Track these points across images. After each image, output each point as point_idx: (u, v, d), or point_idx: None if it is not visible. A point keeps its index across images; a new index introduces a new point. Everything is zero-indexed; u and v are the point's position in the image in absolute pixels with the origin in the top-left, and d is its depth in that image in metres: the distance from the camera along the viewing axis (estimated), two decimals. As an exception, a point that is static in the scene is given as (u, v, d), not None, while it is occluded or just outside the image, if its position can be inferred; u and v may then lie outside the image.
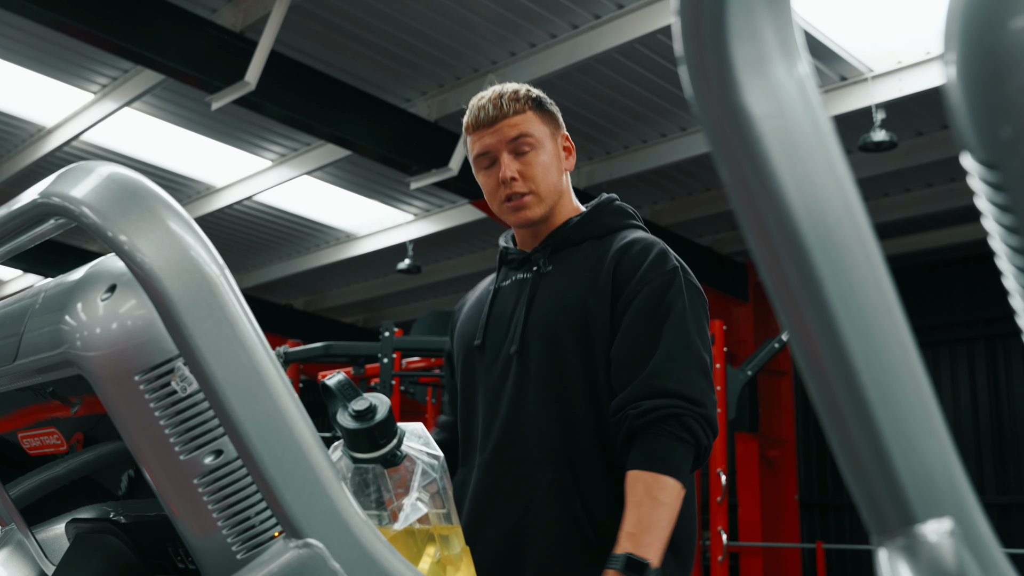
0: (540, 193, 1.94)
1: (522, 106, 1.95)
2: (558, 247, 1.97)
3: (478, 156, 1.98)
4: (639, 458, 1.73)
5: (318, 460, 0.84)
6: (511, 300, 1.99)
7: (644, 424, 1.74)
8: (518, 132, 1.93)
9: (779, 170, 0.45)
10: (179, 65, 5.80)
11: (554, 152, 1.97)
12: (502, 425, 1.88)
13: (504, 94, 1.97)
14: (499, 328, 1.97)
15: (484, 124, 1.95)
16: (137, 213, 0.82)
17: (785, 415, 9.80)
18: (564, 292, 1.91)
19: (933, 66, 6.05)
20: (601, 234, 1.97)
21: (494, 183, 1.96)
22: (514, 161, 1.93)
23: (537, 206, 1.94)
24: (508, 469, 1.86)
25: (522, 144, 1.93)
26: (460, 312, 2.16)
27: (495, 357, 1.95)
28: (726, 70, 0.44)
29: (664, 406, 1.74)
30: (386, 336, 6.42)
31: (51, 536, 1.21)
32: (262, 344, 0.84)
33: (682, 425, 1.74)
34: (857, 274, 0.47)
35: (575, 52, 6.06)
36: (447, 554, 1.03)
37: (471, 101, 2.02)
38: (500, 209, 1.97)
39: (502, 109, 1.94)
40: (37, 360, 0.94)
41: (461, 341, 2.06)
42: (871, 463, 0.48)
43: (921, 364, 0.49)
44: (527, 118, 1.95)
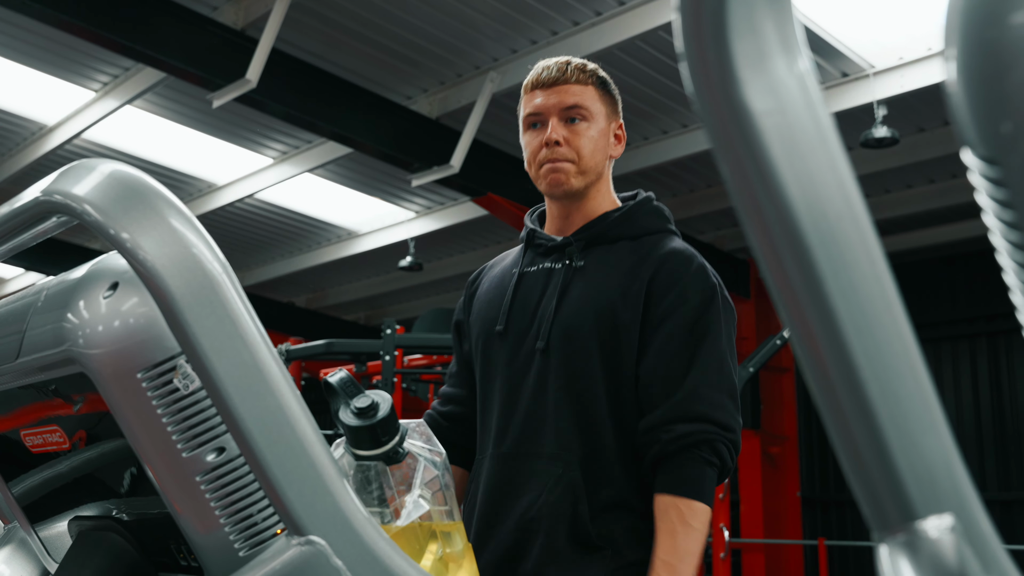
0: (582, 165, 1.89)
1: (586, 78, 1.92)
2: (592, 241, 1.93)
3: (529, 115, 1.93)
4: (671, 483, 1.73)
5: (320, 457, 0.84)
6: (538, 289, 1.93)
7: (677, 449, 1.73)
8: (575, 101, 1.89)
9: (780, 166, 0.45)
10: (180, 63, 5.80)
11: (605, 131, 1.93)
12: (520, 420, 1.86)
13: (572, 61, 1.93)
14: (523, 317, 1.92)
15: (544, 83, 1.91)
16: (139, 211, 0.82)
17: (787, 412, 9.81)
18: (596, 294, 1.86)
19: (934, 62, 6.05)
20: (637, 235, 1.93)
21: (537, 144, 1.91)
22: (563, 127, 1.89)
23: (576, 178, 1.90)
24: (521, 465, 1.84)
25: (575, 113, 1.89)
26: (478, 285, 2.10)
27: (518, 348, 1.91)
28: (727, 66, 0.44)
29: (697, 432, 1.73)
30: (388, 333, 6.42)
31: (54, 534, 1.21)
32: (264, 341, 0.84)
33: (713, 450, 1.74)
34: (858, 271, 0.47)
35: (576, 49, 6.06)
36: (449, 551, 1.03)
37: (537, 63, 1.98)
38: (537, 173, 1.92)
39: (565, 74, 1.91)
40: (39, 358, 0.95)
41: (481, 324, 2.00)
42: (872, 460, 0.48)
43: (922, 361, 0.49)
44: (587, 91, 1.91)
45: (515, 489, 1.83)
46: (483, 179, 7.28)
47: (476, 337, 2.01)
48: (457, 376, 2.08)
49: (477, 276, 2.14)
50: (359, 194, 8.75)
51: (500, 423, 1.89)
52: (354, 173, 8.30)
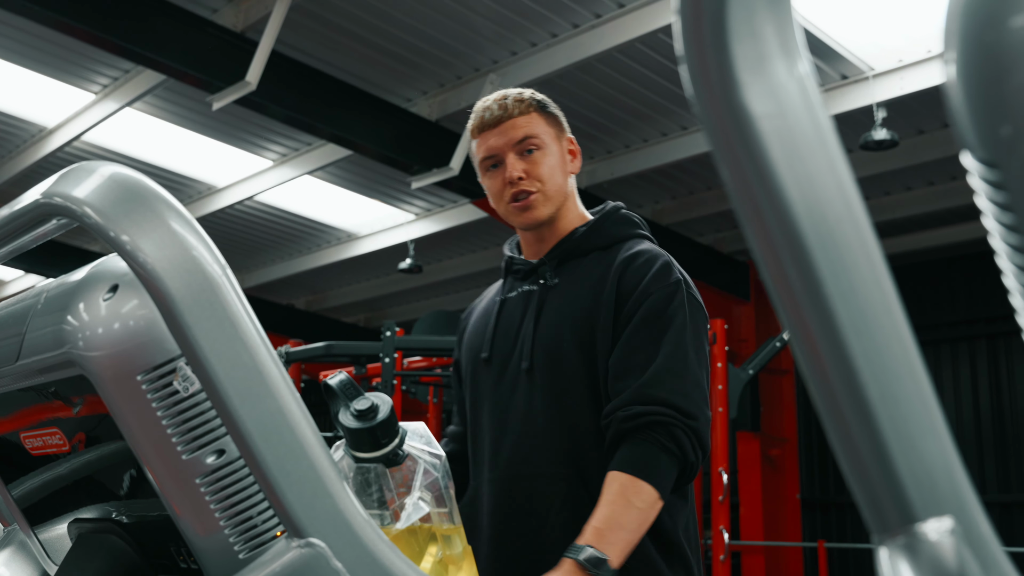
0: (547, 192, 1.93)
1: (527, 107, 1.95)
2: (564, 258, 1.96)
3: (484, 159, 1.97)
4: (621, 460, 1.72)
5: (320, 459, 0.84)
6: (518, 313, 1.98)
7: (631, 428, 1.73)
8: (524, 133, 1.93)
9: (779, 169, 0.45)
10: (180, 65, 5.80)
11: (559, 154, 1.96)
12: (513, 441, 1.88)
13: (509, 96, 1.96)
14: (506, 341, 1.96)
15: (490, 125, 1.95)
16: (139, 213, 0.82)
17: (787, 414, 9.80)
18: (570, 306, 1.89)
19: (934, 64, 6.05)
20: (607, 244, 1.96)
21: (500, 184, 1.95)
22: (520, 161, 1.92)
23: (544, 205, 1.93)
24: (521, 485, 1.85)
25: (528, 144, 1.93)
26: (468, 321, 2.14)
27: (503, 371, 1.94)
28: (727, 69, 0.44)
29: (653, 412, 1.73)
30: (387, 336, 6.42)
31: (53, 536, 1.21)
32: (264, 344, 0.84)
33: (670, 435, 1.72)
34: (858, 273, 0.47)
35: (576, 51, 6.06)
36: (449, 553, 1.03)
37: (476, 105, 2.01)
38: (506, 211, 1.96)
39: (507, 110, 1.94)
40: (39, 360, 0.95)
41: (469, 353, 2.05)
42: (872, 462, 0.48)
43: (922, 363, 0.49)
44: (532, 119, 1.94)
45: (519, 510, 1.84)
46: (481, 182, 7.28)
47: (465, 368, 2.06)
48: (458, 414, 2.12)
49: (467, 316, 2.18)
50: (359, 196, 8.75)
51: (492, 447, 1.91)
52: (354, 175, 8.30)
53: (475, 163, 2.01)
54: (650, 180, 8.16)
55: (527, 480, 1.85)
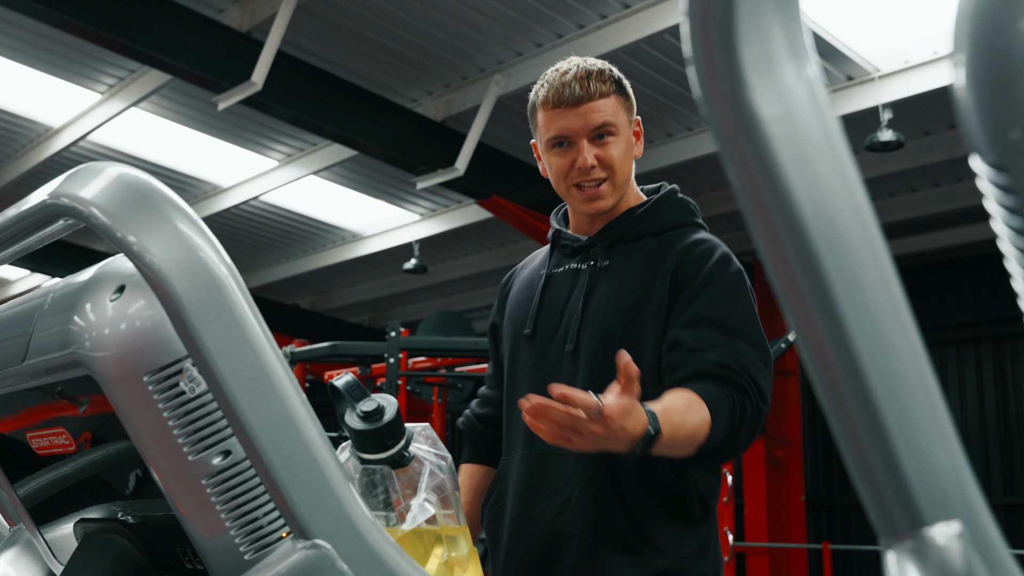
0: (616, 181, 1.86)
1: (608, 88, 1.86)
2: (616, 240, 1.90)
3: (554, 136, 1.87)
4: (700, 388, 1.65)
5: (326, 461, 0.84)
6: (564, 291, 1.92)
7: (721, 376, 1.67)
8: (603, 120, 1.83)
9: (788, 172, 0.45)
10: (186, 65, 5.81)
11: (629, 139, 1.89)
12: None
13: (591, 72, 1.86)
14: (551, 319, 1.90)
15: (568, 103, 1.83)
16: (146, 214, 0.82)
17: (792, 415, 9.78)
18: (622, 292, 1.84)
19: (940, 66, 6.04)
20: (661, 231, 1.89)
21: (567, 166, 1.86)
22: (593, 147, 1.84)
23: (611, 195, 1.87)
24: (550, 466, 1.82)
25: (604, 131, 1.84)
26: (510, 286, 2.07)
27: (545, 350, 1.89)
28: (735, 72, 0.44)
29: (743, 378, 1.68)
30: (392, 336, 6.42)
31: (59, 536, 1.21)
32: (270, 344, 0.84)
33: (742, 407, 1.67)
34: (865, 276, 0.47)
35: (581, 52, 5.98)
36: (454, 555, 1.03)
37: (548, 74, 1.90)
38: (568, 192, 1.89)
39: (589, 90, 1.83)
40: (46, 360, 0.95)
41: (511, 325, 1.99)
42: (880, 466, 0.48)
43: (930, 366, 0.49)
44: (611, 103, 1.85)
45: (545, 490, 1.82)
46: (488, 182, 7.29)
47: (506, 340, 2.00)
48: (494, 378, 2.07)
49: (509, 278, 2.12)
50: (364, 196, 8.76)
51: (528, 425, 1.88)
52: (359, 175, 8.31)
53: (538, 134, 1.92)
54: (655, 181, 8.13)
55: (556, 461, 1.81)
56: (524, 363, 1.93)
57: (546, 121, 1.87)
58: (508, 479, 1.89)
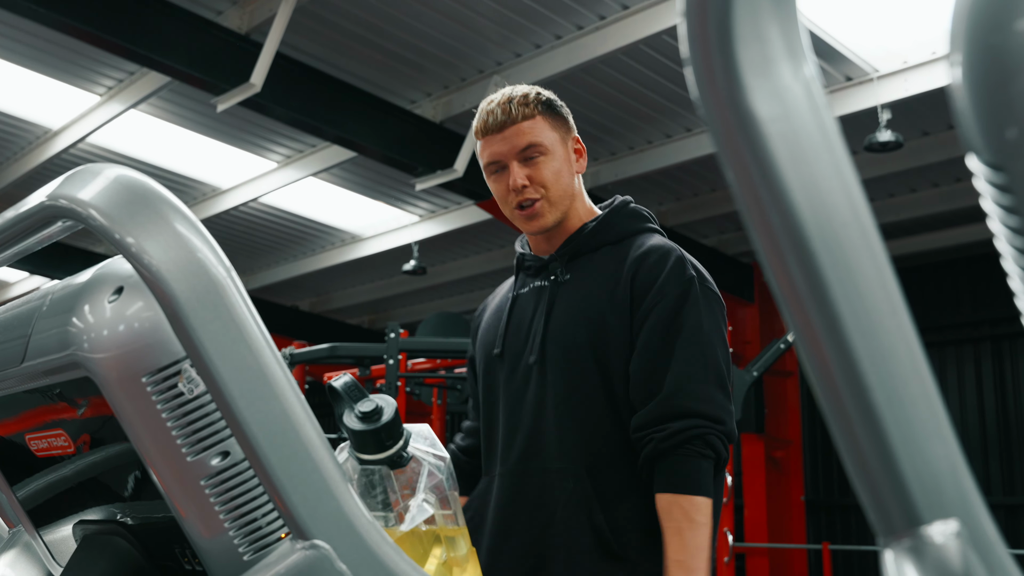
0: (551, 198, 1.91)
1: (532, 111, 1.92)
2: (575, 254, 1.95)
3: (488, 163, 1.95)
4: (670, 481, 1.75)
5: (324, 461, 0.84)
6: (529, 308, 1.97)
7: (671, 447, 1.75)
8: (527, 141, 1.90)
9: (785, 173, 0.45)
10: (185, 67, 5.81)
11: (564, 157, 1.94)
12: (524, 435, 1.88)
13: (514, 98, 1.93)
14: (518, 337, 1.96)
15: (493, 129, 1.92)
16: (144, 215, 0.82)
17: (791, 416, 9.79)
18: (582, 303, 1.89)
19: (939, 66, 6.04)
20: (617, 239, 1.95)
21: (504, 189, 1.93)
22: (523, 167, 1.90)
23: (549, 213, 1.92)
24: (530, 480, 1.86)
25: (531, 152, 1.90)
26: (481, 317, 2.14)
27: (515, 366, 1.94)
28: (732, 72, 0.44)
29: (689, 427, 1.75)
30: (391, 337, 6.42)
31: (58, 538, 1.21)
32: (268, 345, 0.84)
33: (706, 443, 1.75)
34: (863, 276, 0.47)
35: (580, 53, 6.06)
36: (453, 555, 1.03)
37: (480, 104, 1.98)
38: (512, 215, 1.95)
39: (511, 114, 1.91)
40: (45, 362, 0.95)
41: (482, 349, 2.05)
42: (877, 465, 0.48)
43: (927, 366, 0.49)
44: (536, 124, 1.91)
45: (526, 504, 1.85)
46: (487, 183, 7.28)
47: (479, 362, 2.06)
48: (474, 410, 2.13)
49: (481, 311, 2.18)
50: (363, 198, 8.76)
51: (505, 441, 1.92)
52: (358, 177, 8.31)
53: (480, 163, 2.00)
54: (654, 182, 8.16)
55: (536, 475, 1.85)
56: (496, 382, 1.98)
57: (480, 150, 1.96)
58: (488, 496, 1.92)
